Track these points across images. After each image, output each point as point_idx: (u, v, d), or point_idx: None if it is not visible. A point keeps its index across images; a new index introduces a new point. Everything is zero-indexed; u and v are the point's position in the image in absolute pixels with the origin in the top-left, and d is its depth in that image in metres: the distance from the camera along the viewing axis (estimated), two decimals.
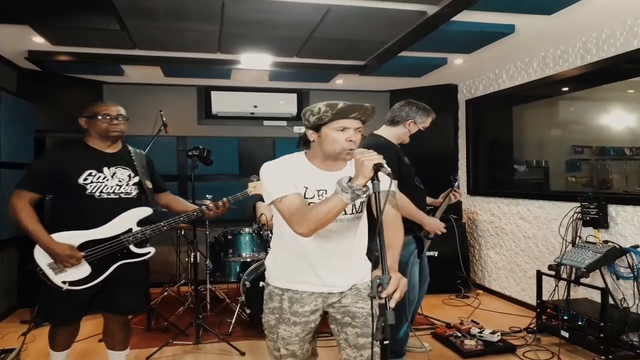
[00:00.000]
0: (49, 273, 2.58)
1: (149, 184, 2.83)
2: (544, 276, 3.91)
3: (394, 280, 1.51)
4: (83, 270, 2.61)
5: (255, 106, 6.04)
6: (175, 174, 5.89)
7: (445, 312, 4.83)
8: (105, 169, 2.68)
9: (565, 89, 5.03)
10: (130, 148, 2.88)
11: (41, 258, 2.58)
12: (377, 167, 1.64)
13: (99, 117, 2.69)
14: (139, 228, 2.71)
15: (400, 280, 1.55)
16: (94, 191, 2.63)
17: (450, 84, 5.98)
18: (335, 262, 1.98)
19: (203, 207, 2.86)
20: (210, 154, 3.87)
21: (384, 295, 1.48)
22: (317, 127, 1.88)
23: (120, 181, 2.71)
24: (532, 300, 4.55)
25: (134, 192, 2.76)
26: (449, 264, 5.25)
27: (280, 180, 1.87)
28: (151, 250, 2.78)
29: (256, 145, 6.18)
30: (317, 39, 3.93)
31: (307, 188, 1.92)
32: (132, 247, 2.71)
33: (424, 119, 3.24)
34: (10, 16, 3.39)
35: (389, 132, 3.23)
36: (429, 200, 3.57)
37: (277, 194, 1.85)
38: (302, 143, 1.99)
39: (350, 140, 1.84)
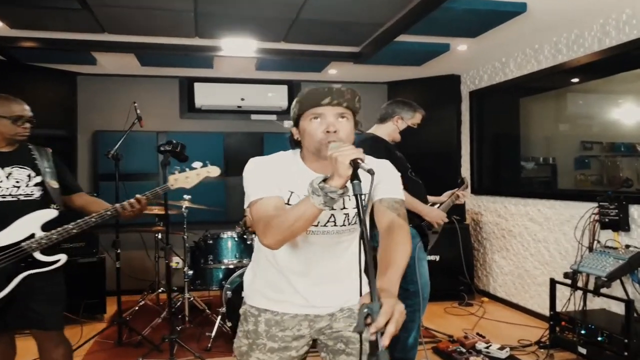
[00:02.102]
0: None
1: (53, 184, 2.48)
2: (557, 285, 3.49)
3: (385, 308, 1.14)
4: None
5: (242, 99, 5.62)
6: (155, 172, 5.48)
7: (447, 322, 4.42)
8: None
9: (576, 80, 4.65)
10: (30, 145, 2.54)
11: None
12: (355, 164, 1.31)
13: (12, 119, 2.37)
14: (44, 233, 2.35)
15: (396, 308, 1.17)
16: None
17: (453, 74, 5.57)
18: (321, 279, 1.67)
19: (117, 205, 2.50)
20: (185, 148, 3.45)
21: (373, 329, 1.12)
22: (297, 122, 1.60)
23: (17, 182, 2.38)
24: (542, 310, 4.16)
25: (37, 194, 2.42)
26: (452, 269, 4.88)
27: (261, 180, 1.58)
28: (61, 257, 2.41)
29: (243, 141, 5.78)
30: (304, 21, 3.52)
31: (292, 193, 1.60)
32: (37, 255, 2.35)
33: (411, 114, 3.19)
34: None
35: (378, 130, 3.20)
36: (431, 198, 3.35)
37: (254, 195, 1.56)
38: (292, 143, 1.67)
39: (328, 131, 1.50)
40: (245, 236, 4.18)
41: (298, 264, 1.65)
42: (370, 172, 1.29)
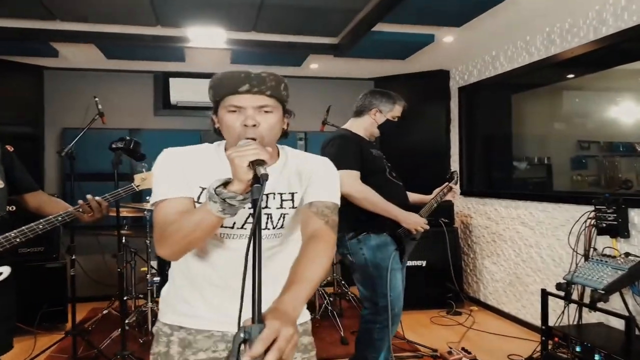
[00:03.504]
0: None
1: None
2: (550, 296, 3.19)
3: (266, 333, 0.92)
4: None
5: None
6: (127, 172, 5.16)
7: (432, 333, 4.12)
8: None
9: (571, 75, 4.36)
10: None
11: None
12: (255, 165, 1.14)
13: None
14: None
15: (281, 333, 0.93)
16: None
17: (441, 69, 5.26)
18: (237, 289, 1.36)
19: (71, 209, 2.19)
20: (139, 145, 3.15)
21: (246, 358, 0.90)
22: (216, 109, 1.40)
23: None
24: (535, 320, 3.86)
25: None
26: (439, 275, 4.60)
27: (169, 177, 1.36)
28: (3, 270, 2.07)
29: (220, 139, 5.44)
30: (271, 7, 3.22)
31: (203, 190, 1.35)
32: None
33: (390, 106, 2.89)
34: None
35: (354, 125, 2.91)
36: (417, 197, 3.06)
37: (157, 195, 1.35)
38: (216, 132, 1.46)
39: (245, 125, 1.28)
40: None
41: (213, 274, 1.40)
42: (263, 177, 1.08)
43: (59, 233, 4.34)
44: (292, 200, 1.42)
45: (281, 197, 1.40)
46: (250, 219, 1.36)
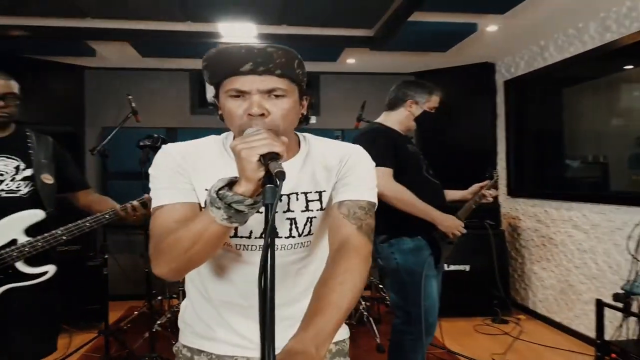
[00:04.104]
0: None
1: (47, 179, 2.12)
2: (606, 307, 2.89)
3: None
4: None
5: None
6: None
7: (475, 343, 3.87)
8: None
9: (630, 66, 4.00)
10: (29, 132, 2.19)
11: None
12: (267, 160, 0.90)
13: None
14: (28, 239, 2.00)
15: None
16: None
17: (486, 62, 4.97)
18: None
19: (117, 207, 2.19)
20: (167, 143, 3.08)
21: None
22: (217, 93, 1.13)
23: (1, 175, 2.02)
24: (589, 332, 3.55)
25: (24, 190, 2.06)
26: (484, 281, 4.32)
27: (168, 178, 1.14)
28: (49, 269, 2.04)
29: None
30: None
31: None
32: (20, 266, 1.99)
33: (427, 97, 2.67)
34: None
35: (388, 118, 2.70)
36: (456, 194, 2.84)
37: (155, 200, 1.14)
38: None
39: (250, 114, 1.04)
40: None
41: (232, 292, 1.19)
42: (280, 175, 0.85)
43: (95, 232, 4.37)
44: (320, 200, 1.19)
45: (306, 197, 1.18)
46: (283, 231, 1.17)
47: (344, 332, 1.34)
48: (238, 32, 3.74)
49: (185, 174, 1.14)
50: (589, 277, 3.76)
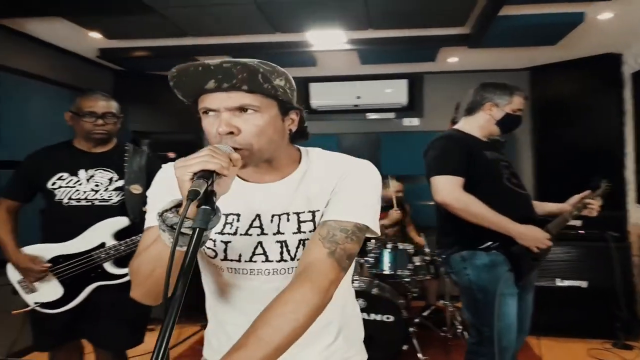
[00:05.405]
0: (20, 291, 2.28)
1: (135, 189, 2.33)
2: None
3: None
4: (55, 290, 2.24)
5: (359, 97, 5.25)
6: None
7: None
8: (81, 172, 2.28)
9: None
10: (128, 146, 2.42)
11: (13, 274, 2.29)
12: (198, 178, 0.88)
13: (83, 115, 2.28)
14: (113, 243, 2.24)
15: None
16: (62, 197, 2.25)
17: (610, 53, 4.39)
18: None
19: None
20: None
21: None
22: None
23: (97, 185, 2.28)
24: None
25: (115, 199, 2.29)
26: (604, 299, 3.87)
27: (158, 197, 1.13)
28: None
29: (358, 142, 5.41)
30: (378, 1, 3.02)
31: None
32: (107, 267, 2.25)
33: (508, 98, 2.44)
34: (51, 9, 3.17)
35: (467, 124, 2.52)
36: (552, 206, 2.55)
37: (146, 222, 1.14)
38: None
39: (219, 133, 1.02)
40: None
41: (230, 312, 1.19)
42: (211, 195, 0.85)
43: None
44: (314, 221, 1.13)
45: (298, 217, 1.13)
46: (259, 250, 1.13)
47: (358, 354, 1.29)
48: (327, 39, 3.78)
49: (174, 194, 1.12)
50: None
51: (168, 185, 1.09)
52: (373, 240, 3.79)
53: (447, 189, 2.26)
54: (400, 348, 3.26)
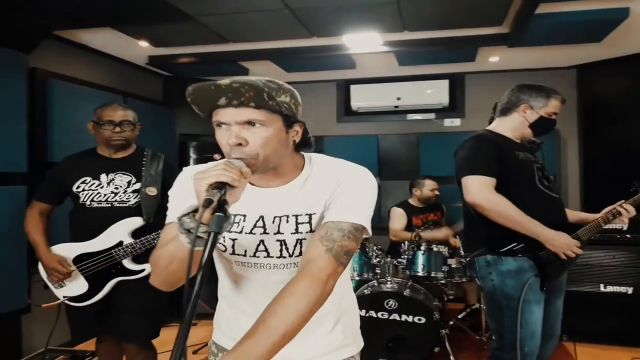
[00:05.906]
0: (50, 286, 2.48)
1: (151, 191, 2.49)
2: None
3: None
4: (80, 285, 2.44)
5: (399, 98, 5.24)
6: None
7: None
8: (102, 176, 2.47)
9: None
10: (147, 152, 2.60)
11: (44, 271, 2.49)
12: (213, 189, 1.02)
13: (102, 124, 2.47)
14: (130, 241, 2.42)
15: None
16: (85, 200, 2.44)
17: None
18: None
19: None
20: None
21: None
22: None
23: (116, 188, 2.46)
24: None
25: (132, 200, 2.47)
26: None
27: (178, 198, 1.29)
28: (145, 267, 2.41)
29: (398, 143, 5.42)
30: (411, 2, 3.02)
31: None
32: (126, 263, 2.43)
33: (543, 101, 2.39)
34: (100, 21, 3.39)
35: (500, 125, 2.49)
36: (586, 217, 2.45)
37: (167, 218, 1.30)
38: None
39: (229, 145, 1.14)
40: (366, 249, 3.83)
41: (242, 300, 1.33)
42: (223, 204, 0.98)
43: None
44: (310, 222, 1.24)
45: (296, 219, 1.25)
46: (262, 247, 1.26)
47: (351, 349, 1.37)
48: (363, 42, 3.82)
49: (192, 195, 1.26)
50: None
51: (188, 186, 1.22)
52: (407, 242, 3.80)
53: (478, 189, 2.23)
54: (432, 350, 3.25)
